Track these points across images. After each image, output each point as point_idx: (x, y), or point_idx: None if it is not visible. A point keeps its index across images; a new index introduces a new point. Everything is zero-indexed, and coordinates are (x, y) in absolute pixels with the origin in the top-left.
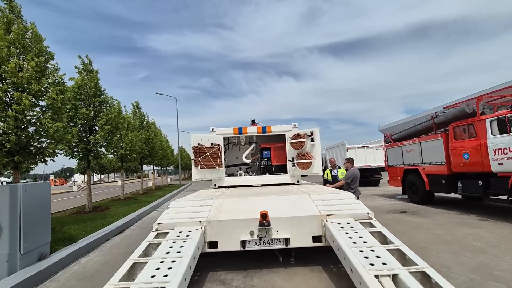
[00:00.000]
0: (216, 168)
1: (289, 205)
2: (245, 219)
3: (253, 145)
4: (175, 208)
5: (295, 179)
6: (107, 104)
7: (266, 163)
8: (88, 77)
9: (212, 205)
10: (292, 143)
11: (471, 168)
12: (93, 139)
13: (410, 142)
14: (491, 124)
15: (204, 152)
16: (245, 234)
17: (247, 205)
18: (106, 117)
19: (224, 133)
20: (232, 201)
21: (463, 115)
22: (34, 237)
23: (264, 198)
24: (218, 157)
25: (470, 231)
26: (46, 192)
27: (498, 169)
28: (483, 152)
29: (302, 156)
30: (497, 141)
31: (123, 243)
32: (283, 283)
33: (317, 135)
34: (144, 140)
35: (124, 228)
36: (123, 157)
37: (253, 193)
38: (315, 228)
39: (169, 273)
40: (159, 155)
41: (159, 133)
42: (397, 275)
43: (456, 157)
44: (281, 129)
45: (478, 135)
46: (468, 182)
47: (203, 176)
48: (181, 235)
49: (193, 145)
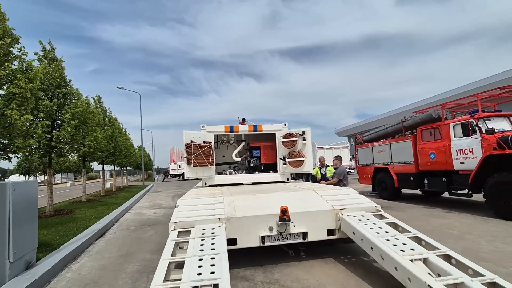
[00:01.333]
0: (208, 166)
1: (300, 200)
2: (265, 215)
3: (243, 143)
4: (186, 207)
5: (285, 177)
6: (72, 96)
7: (255, 161)
8: (50, 65)
9: (224, 202)
10: (284, 142)
11: (436, 166)
12: (58, 134)
13: (380, 143)
14: (454, 128)
15: (197, 150)
16: (264, 230)
17: (261, 202)
18: (73, 110)
19: (215, 131)
20: (243, 198)
21: (430, 120)
22: (23, 242)
23: (275, 194)
24: (210, 155)
25: (442, 222)
26: (34, 191)
27: (459, 167)
28: (447, 153)
29: (294, 155)
30: (459, 143)
31: (111, 247)
32: (305, 275)
33: (308, 134)
34: (109, 137)
35: (103, 231)
36: (86, 156)
37: (254, 191)
38: (330, 221)
39: (215, 270)
40: (123, 154)
41: (122, 131)
42: (427, 259)
43: (423, 157)
44: (272, 128)
45: (442, 137)
46: (433, 179)
47: (195, 175)
48: (206, 233)
49: (185, 142)
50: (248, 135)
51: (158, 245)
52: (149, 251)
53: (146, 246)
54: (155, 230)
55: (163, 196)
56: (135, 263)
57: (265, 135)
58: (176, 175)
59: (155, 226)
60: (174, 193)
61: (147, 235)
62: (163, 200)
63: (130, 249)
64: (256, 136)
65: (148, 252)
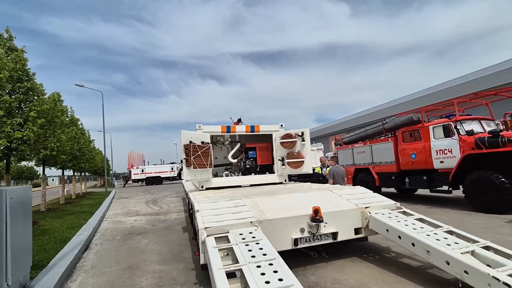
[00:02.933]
0: (207, 168)
1: (323, 200)
2: (296, 216)
3: (238, 144)
4: (209, 211)
5: (283, 179)
6: (36, 92)
7: (251, 163)
8: (9, 56)
9: (247, 204)
10: (283, 142)
11: (417, 166)
12: (20, 135)
13: (361, 144)
14: (434, 130)
15: (196, 151)
16: (296, 232)
17: (285, 203)
18: (38, 108)
19: (211, 131)
20: (264, 201)
21: (410, 122)
22: (20, 260)
23: (295, 195)
24: (209, 156)
25: (432, 217)
26: (28, 200)
27: (439, 166)
28: (427, 153)
29: (293, 156)
30: (439, 143)
31: (106, 260)
32: (341, 275)
33: (307, 135)
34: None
35: (86, 243)
36: (47, 160)
37: (265, 193)
38: (356, 220)
39: (282, 277)
40: (85, 158)
41: (85, 132)
42: (474, 251)
43: (404, 157)
44: (269, 129)
45: (423, 138)
46: (414, 178)
47: (194, 177)
48: (246, 237)
49: (184, 143)
50: (243, 136)
51: (161, 254)
52: (154, 261)
53: (147, 257)
54: (147, 239)
55: (135, 203)
56: (147, 276)
57: (259, 136)
58: (138, 180)
59: (145, 234)
60: (145, 199)
61: (141, 244)
62: (137, 207)
63: (131, 261)
64: (250, 137)
65: (155, 262)
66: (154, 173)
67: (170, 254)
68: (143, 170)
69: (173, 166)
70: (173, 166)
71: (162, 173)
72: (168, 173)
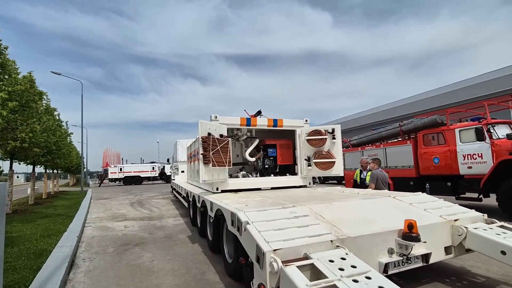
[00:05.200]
0: (225, 166)
1: (399, 210)
2: (383, 232)
3: (256, 141)
4: (263, 223)
5: (307, 181)
6: (8, 70)
7: (270, 162)
8: None
9: (310, 215)
10: (310, 140)
11: (440, 171)
12: None
13: (372, 147)
14: (461, 133)
15: (216, 146)
16: (383, 254)
17: (358, 213)
18: (10, 88)
19: (229, 123)
20: (326, 208)
21: (434, 124)
22: None
23: (361, 202)
24: (228, 152)
25: None
26: (2, 201)
27: (466, 172)
28: (452, 157)
29: (322, 155)
30: (466, 147)
31: (103, 284)
32: None
33: (338, 132)
34: (49, 130)
35: (72, 258)
36: (15, 153)
37: (301, 198)
38: (446, 237)
39: None
40: (61, 153)
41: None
42: None
43: (425, 161)
44: (293, 124)
45: (447, 142)
46: (436, 184)
47: (211, 177)
48: (345, 268)
49: (202, 135)
50: (258, 131)
51: (177, 277)
52: (173, 286)
53: (160, 280)
54: (149, 252)
55: (118, 205)
56: None
57: (279, 132)
58: (116, 179)
59: (145, 246)
60: (129, 201)
61: (144, 260)
62: (122, 209)
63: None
64: (268, 133)
65: None
66: (134, 172)
67: (188, 275)
68: (121, 168)
69: (154, 165)
70: (154, 166)
71: (143, 172)
72: (149, 172)
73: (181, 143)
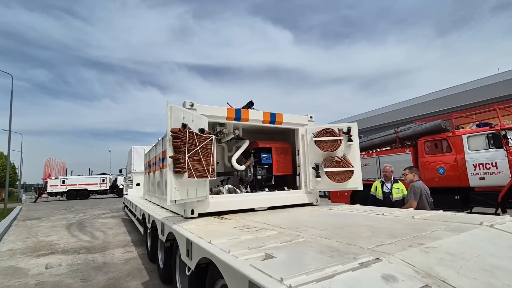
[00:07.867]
0: (207, 177)
1: None
2: None
3: (246, 142)
4: None
5: (313, 197)
6: None
7: (264, 171)
8: None
9: (416, 277)
10: (320, 142)
11: (446, 183)
12: None
13: (364, 156)
14: (469, 139)
15: (194, 145)
16: None
17: (479, 263)
18: None
19: (211, 115)
20: (429, 258)
21: (437, 130)
22: None
23: (455, 239)
24: (211, 156)
25: None
26: None
27: (477, 184)
28: (460, 167)
29: (335, 163)
30: (477, 156)
31: None
32: None
33: (355, 132)
34: None
35: None
36: None
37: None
38: None
39: None
40: None
41: None
42: None
43: (427, 172)
44: (295, 121)
45: (453, 150)
46: (441, 197)
47: (185, 195)
48: None
49: (172, 128)
50: (247, 131)
51: None
52: None
53: None
54: None
55: (49, 227)
56: None
57: (274, 131)
58: (57, 193)
59: None
60: (67, 221)
61: None
62: (53, 234)
63: None
64: (259, 133)
65: None
66: (80, 185)
67: None
68: (64, 181)
69: (105, 177)
70: (104, 178)
71: (90, 185)
72: (98, 185)
73: (137, 150)
